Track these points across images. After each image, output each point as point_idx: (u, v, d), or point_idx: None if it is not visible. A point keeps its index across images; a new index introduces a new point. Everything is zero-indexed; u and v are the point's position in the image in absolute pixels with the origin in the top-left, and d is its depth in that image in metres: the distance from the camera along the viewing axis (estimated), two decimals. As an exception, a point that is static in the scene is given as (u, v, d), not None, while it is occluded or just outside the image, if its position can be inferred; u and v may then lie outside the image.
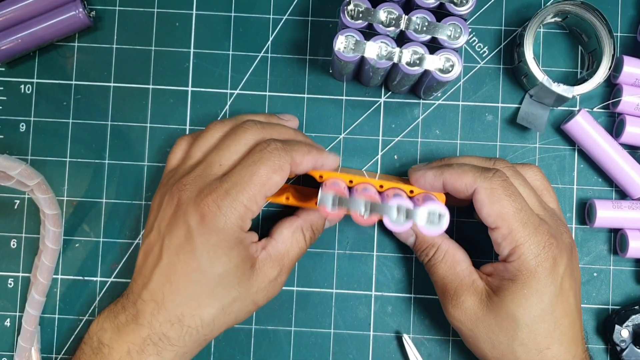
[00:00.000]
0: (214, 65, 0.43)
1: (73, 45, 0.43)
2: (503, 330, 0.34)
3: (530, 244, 0.33)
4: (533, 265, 0.33)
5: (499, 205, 0.33)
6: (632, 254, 0.40)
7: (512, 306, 0.33)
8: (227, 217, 0.32)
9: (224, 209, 0.32)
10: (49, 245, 0.40)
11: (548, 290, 0.33)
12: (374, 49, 0.36)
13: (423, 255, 0.38)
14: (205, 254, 0.33)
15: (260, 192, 0.33)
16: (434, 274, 0.37)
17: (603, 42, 0.40)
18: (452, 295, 0.36)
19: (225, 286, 0.33)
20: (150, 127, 0.42)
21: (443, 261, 0.37)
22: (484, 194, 0.34)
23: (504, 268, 0.34)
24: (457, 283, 0.36)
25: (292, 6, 0.43)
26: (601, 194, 0.42)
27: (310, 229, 0.37)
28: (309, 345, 0.41)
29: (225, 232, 0.33)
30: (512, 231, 0.33)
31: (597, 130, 0.40)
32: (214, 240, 0.33)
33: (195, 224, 0.33)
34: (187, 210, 0.33)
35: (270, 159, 0.33)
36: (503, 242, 0.34)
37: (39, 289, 0.40)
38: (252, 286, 0.34)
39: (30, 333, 0.40)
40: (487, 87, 0.43)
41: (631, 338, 0.40)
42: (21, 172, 0.36)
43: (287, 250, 0.36)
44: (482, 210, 0.34)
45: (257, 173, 0.33)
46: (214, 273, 0.33)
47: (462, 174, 0.34)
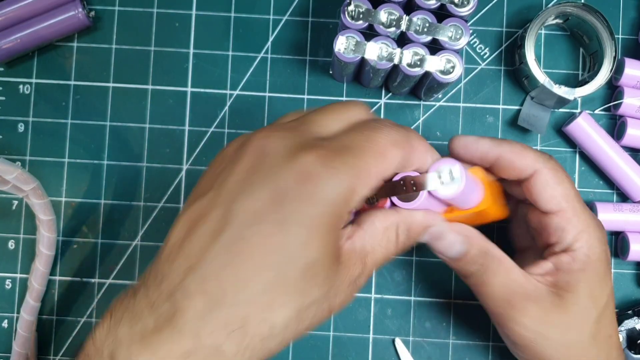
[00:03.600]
0: (213, 66, 0.42)
1: (72, 45, 0.43)
2: (579, 326, 0.31)
3: (594, 228, 0.32)
4: (599, 250, 0.32)
5: (563, 186, 0.31)
6: (633, 257, 0.40)
7: (587, 298, 0.31)
8: (335, 184, 0.24)
9: (333, 171, 0.24)
10: (43, 251, 0.39)
11: (609, 274, 0.33)
12: (375, 50, 0.36)
13: (475, 265, 0.31)
14: (297, 229, 0.23)
15: (377, 164, 0.25)
16: (490, 285, 0.31)
17: (604, 44, 0.40)
18: (519, 307, 0.31)
19: (309, 281, 0.24)
20: (150, 128, 0.42)
21: (501, 269, 0.32)
22: (548, 173, 0.31)
23: (571, 259, 0.31)
24: (522, 292, 0.31)
25: (292, 7, 0.43)
26: (602, 196, 0.42)
27: (407, 232, 0.29)
28: (308, 348, 0.41)
29: (330, 203, 0.24)
30: (578, 213, 0.31)
31: (599, 133, 0.40)
32: (315, 213, 0.24)
33: (291, 185, 0.23)
34: (277, 164, 0.24)
35: (388, 131, 0.26)
36: (567, 225, 0.31)
37: (33, 294, 0.40)
38: (334, 286, 0.25)
39: (24, 338, 0.40)
40: (488, 89, 0.42)
41: (625, 343, 0.40)
42: (17, 176, 0.36)
43: (374, 248, 0.27)
44: (545, 191, 0.31)
45: (374, 139, 0.25)
46: (303, 260, 0.24)
47: (522, 150, 0.31)
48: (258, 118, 0.42)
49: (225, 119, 0.42)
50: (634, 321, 0.40)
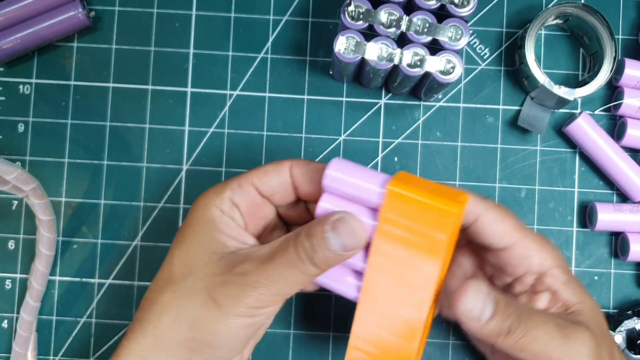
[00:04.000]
0: (213, 66, 0.42)
1: (72, 45, 0.43)
2: (602, 331, 0.31)
3: (550, 244, 0.33)
4: (564, 259, 0.33)
5: (510, 219, 0.32)
6: (633, 258, 0.40)
7: (590, 300, 0.32)
8: (203, 195, 0.33)
9: (205, 192, 0.33)
10: (43, 251, 0.39)
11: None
12: (375, 51, 0.36)
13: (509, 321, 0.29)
14: (178, 233, 0.32)
15: (246, 177, 0.32)
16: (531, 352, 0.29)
17: (604, 45, 0.40)
18: (574, 338, 0.29)
19: (184, 268, 0.31)
20: (149, 128, 0.42)
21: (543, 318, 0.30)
22: (491, 212, 0.31)
23: (552, 278, 0.32)
24: (569, 328, 0.30)
25: (292, 7, 0.43)
26: (602, 197, 0.42)
27: (304, 234, 0.29)
28: (308, 348, 0.41)
29: (198, 208, 0.32)
30: (533, 239, 0.32)
31: (599, 133, 0.40)
32: (188, 218, 0.33)
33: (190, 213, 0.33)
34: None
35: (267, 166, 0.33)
36: (530, 252, 0.32)
37: (33, 295, 0.40)
38: (212, 279, 0.30)
39: (24, 338, 0.40)
40: (488, 89, 0.42)
41: (625, 343, 0.40)
42: (17, 176, 0.36)
43: (271, 255, 0.29)
44: (496, 229, 0.31)
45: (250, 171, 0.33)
46: (179, 252, 0.32)
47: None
48: (258, 118, 0.42)
49: (225, 119, 0.42)
50: (633, 321, 0.40)
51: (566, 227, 0.42)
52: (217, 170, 0.42)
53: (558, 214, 0.42)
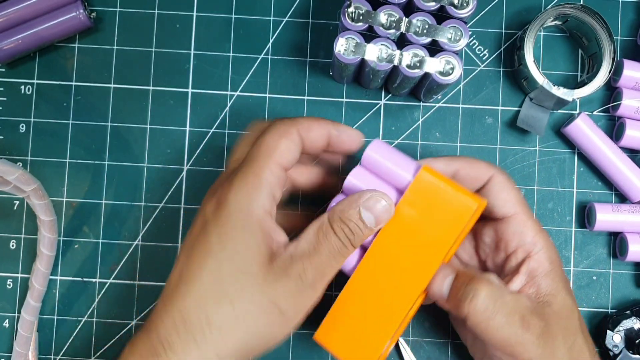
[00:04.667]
0: (214, 67, 0.43)
1: (73, 46, 0.43)
2: (572, 326, 0.32)
3: (545, 232, 0.34)
4: (555, 250, 0.34)
5: (517, 191, 0.34)
6: (632, 258, 0.40)
7: (567, 294, 0.33)
8: (237, 192, 0.30)
9: (235, 184, 0.30)
10: (44, 252, 0.40)
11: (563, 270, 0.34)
12: (374, 52, 0.36)
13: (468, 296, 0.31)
14: (215, 235, 0.29)
15: (270, 159, 0.30)
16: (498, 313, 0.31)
17: (603, 46, 0.40)
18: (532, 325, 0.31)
19: (237, 278, 0.29)
20: (150, 129, 0.42)
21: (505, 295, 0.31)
22: (502, 178, 0.34)
23: (537, 263, 0.33)
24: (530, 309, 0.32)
25: (292, 8, 0.43)
26: (601, 197, 0.42)
27: (340, 221, 0.31)
28: (308, 348, 0.41)
29: (237, 207, 0.29)
30: (531, 217, 0.34)
31: (597, 134, 0.40)
32: (224, 219, 0.29)
33: (211, 212, 0.30)
34: (204, 204, 0.31)
35: (274, 127, 0.31)
36: (525, 228, 0.33)
37: (34, 295, 0.40)
38: (273, 287, 0.29)
39: (25, 338, 0.40)
40: (487, 90, 0.43)
41: (624, 343, 0.40)
42: (18, 177, 0.36)
43: (314, 250, 0.30)
44: (501, 194, 0.33)
45: (263, 142, 0.31)
46: (225, 259, 0.29)
47: (475, 161, 0.34)
48: (259, 119, 0.42)
49: (226, 120, 0.42)
50: (632, 321, 0.40)
51: (565, 227, 0.42)
52: (218, 171, 0.42)
53: (557, 214, 0.42)
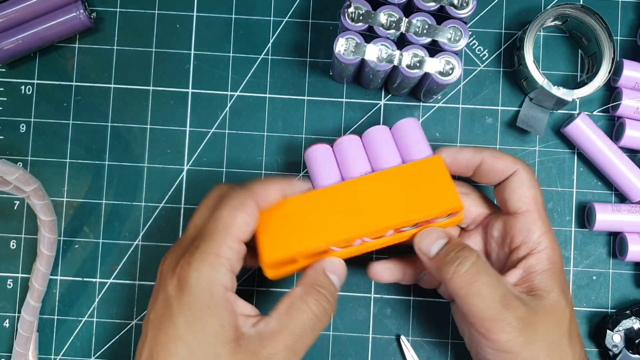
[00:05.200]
0: (214, 67, 0.43)
1: (74, 46, 0.43)
2: (559, 326, 0.32)
3: (552, 233, 0.34)
4: (559, 252, 0.34)
5: (535, 190, 0.34)
6: (632, 258, 0.40)
7: (560, 295, 0.33)
8: (199, 272, 0.30)
9: (194, 264, 0.30)
10: (44, 252, 0.40)
11: (564, 270, 0.35)
12: (374, 52, 0.36)
13: (457, 260, 0.32)
14: (182, 317, 0.29)
15: (228, 235, 0.30)
16: (482, 285, 0.31)
17: (603, 46, 0.40)
18: (512, 308, 0.31)
19: (206, 356, 0.29)
20: (150, 129, 0.42)
21: (489, 270, 0.32)
22: (526, 175, 0.34)
23: (537, 261, 0.33)
24: (512, 294, 0.32)
25: (292, 8, 0.43)
26: (600, 197, 0.42)
27: (315, 291, 0.31)
28: (308, 348, 0.41)
29: (199, 288, 0.29)
30: (542, 217, 0.34)
31: (597, 134, 0.40)
32: (188, 301, 0.29)
33: (173, 290, 0.30)
34: (165, 279, 0.31)
35: (230, 199, 0.31)
36: (533, 226, 0.34)
37: (34, 295, 0.40)
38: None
39: (25, 338, 0.40)
40: (487, 90, 0.43)
41: (624, 343, 0.40)
42: (18, 177, 0.36)
43: (285, 326, 0.30)
44: (519, 190, 0.34)
45: (219, 217, 0.31)
46: (193, 340, 0.29)
47: (502, 154, 0.35)
48: (259, 119, 0.42)
49: (226, 120, 0.42)
50: (632, 321, 0.40)
51: (565, 227, 0.42)
52: (218, 171, 0.42)
53: (557, 214, 0.42)
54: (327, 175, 0.35)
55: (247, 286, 0.42)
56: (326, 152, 0.36)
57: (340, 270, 0.33)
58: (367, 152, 0.36)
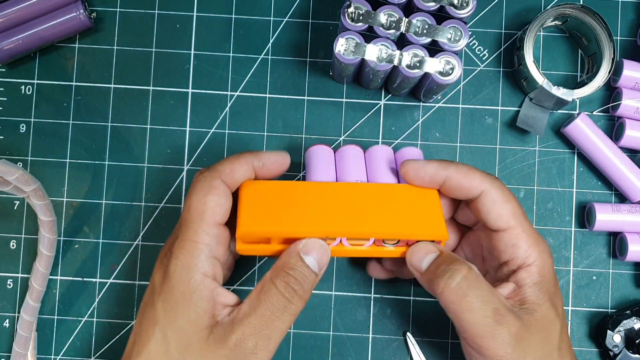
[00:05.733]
0: (214, 67, 0.43)
1: (74, 46, 0.43)
2: (549, 339, 0.32)
3: (542, 243, 0.33)
4: (550, 262, 0.33)
5: (510, 204, 0.33)
6: (632, 258, 0.40)
7: (550, 308, 0.32)
8: (177, 259, 0.30)
9: (175, 252, 0.31)
10: (44, 252, 0.40)
11: (558, 285, 0.34)
12: (374, 52, 0.36)
13: (448, 273, 0.31)
14: (160, 304, 0.30)
15: (202, 221, 0.31)
16: (472, 298, 0.30)
17: (603, 46, 0.40)
18: (504, 322, 0.30)
19: (181, 350, 0.30)
20: (150, 129, 0.42)
21: (481, 282, 0.31)
22: (495, 193, 0.33)
23: (527, 274, 0.32)
24: (504, 307, 0.31)
25: (292, 8, 0.43)
26: (600, 197, 0.42)
27: (284, 273, 0.31)
28: (308, 348, 0.41)
29: (177, 275, 0.30)
30: (526, 230, 0.33)
31: (597, 134, 0.40)
32: (168, 290, 0.30)
33: (158, 279, 0.31)
34: (154, 270, 0.32)
35: (198, 184, 0.32)
36: (518, 241, 0.32)
37: (33, 295, 0.40)
38: (212, 358, 0.29)
39: (24, 338, 0.40)
40: (487, 90, 0.43)
41: (624, 343, 0.40)
42: (18, 177, 0.36)
43: (254, 310, 0.30)
44: (493, 209, 0.32)
45: (191, 205, 0.31)
46: (168, 326, 0.30)
47: (469, 171, 0.33)
48: (259, 119, 0.42)
49: (226, 120, 0.42)
50: (632, 321, 0.40)
51: (565, 227, 0.42)
52: (218, 171, 0.42)
53: (557, 214, 0.42)
54: (323, 173, 0.36)
55: (247, 287, 0.42)
56: (327, 153, 0.37)
57: (318, 252, 0.32)
58: (366, 165, 0.36)
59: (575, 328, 0.42)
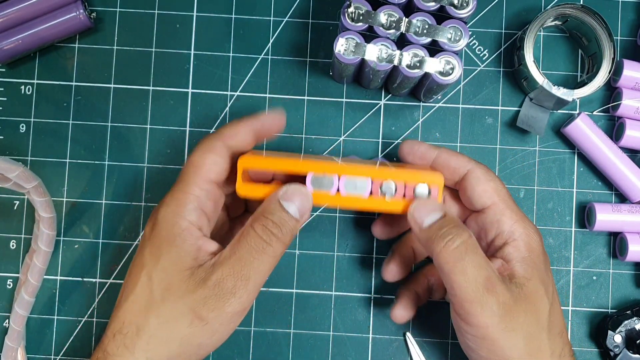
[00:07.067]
0: (214, 67, 0.43)
1: (74, 46, 0.43)
2: (537, 317, 0.32)
3: (528, 221, 0.34)
4: (538, 239, 0.34)
5: (494, 183, 0.34)
6: (632, 258, 0.40)
7: (539, 284, 0.32)
8: (166, 207, 0.32)
9: (165, 201, 0.32)
10: (42, 248, 0.40)
11: (550, 268, 0.34)
12: (374, 52, 0.36)
13: (449, 235, 0.32)
14: (147, 248, 0.32)
15: (197, 175, 0.32)
16: (467, 263, 0.31)
17: (603, 46, 0.40)
18: (495, 291, 0.31)
19: (163, 290, 0.30)
20: (150, 129, 0.42)
21: (478, 250, 0.32)
22: (479, 172, 0.34)
23: (514, 249, 0.33)
24: (496, 276, 0.31)
25: (292, 8, 0.43)
26: (601, 197, 0.42)
27: (262, 217, 0.31)
28: (308, 348, 0.41)
29: (164, 221, 0.31)
30: (510, 207, 0.34)
31: (597, 134, 0.40)
32: (155, 235, 0.32)
33: (148, 230, 0.32)
34: (147, 222, 0.33)
35: (200, 144, 0.33)
36: (502, 217, 0.34)
37: (28, 290, 0.40)
38: (192, 297, 0.30)
39: (17, 333, 0.40)
40: (487, 90, 0.43)
41: (624, 343, 0.40)
42: (19, 174, 0.36)
43: (233, 252, 0.31)
44: (477, 187, 0.34)
45: (190, 161, 0.33)
46: (152, 267, 0.31)
47: (457, 154, 0.35)
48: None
49: (226, 120, 0.42)
50: (633, 321, 0.40)
51: (565, 227, 0.42)
52: (218, 171, 0.42)
53: (557, 214, 0.42)
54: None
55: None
56: None
57: (298, 198, 0.32)
58: None
59: (575, 328, 0.42)
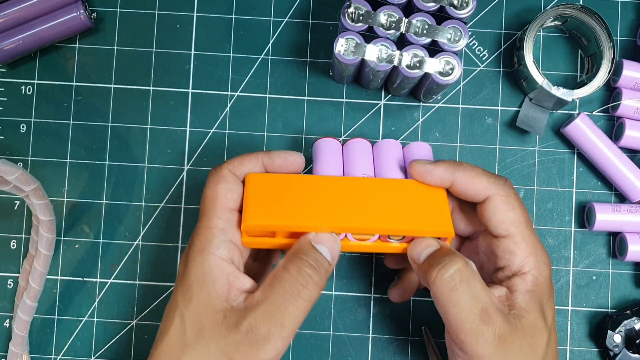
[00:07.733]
0: (214, 67, 0.43)
1: (74, 46, 0.43)
2: (534, 347, 0.31)
3: (541, 252, 0.33)
4: (546, 273, 0.33)
5: (514, 212, 0.33)
6: (631, 258, 0.40)
7: (539, 317, 0.32)
8: (194, 245, 0.31)
9: (192, 240, 0.32)
10: (42, 251, 0.40)
11: (553, 297, 0.34)
12: (374, 52, 0.36)
13: (443, 263, 0.31)
14: (180, 288, 0.31)
15: (215, 206, 0.32)
16: (462, 293, 0.30)
17: (603, 46, 0.40)
18: (490, 322, 0.30)
19: (196, 333, 0.30)
20: (151, 129, 0.42)
21: (476, 279, 0.31)
22: (500, 200, 0.33)
23: (521, 281, 0.32)
24: (493, 306, 0.31)
25: (292, 9, 0.43)
26: (600, 197, 0.42)
27: (297, 258, 0.31)
28: (308, 347, 0.42)
29: (193, 260, 0.31)
30: (526, 238, 0.33)
31: (597, 134, 0.41)
32: (186, 274, 0.31)
33: (181, 270, 0.32)
34: (181, 260, 0.33)
35: (209, 178, 0.33)
36: (516, 249, 0.32)
37: (30, 295, 0.40)
38: (224, 342, 0.29)
39: (21, 338, 0.40)
40: (486, 90, 0.43)
41: (624, 343, 0.40)
42: (18, 177, 0.36)
43: (267, 296, 0.30)
44: (495, 216, 0.33)
45: (205, 196, 0.33)
46: (184, 309, 0.31)
47: (476, 176, 0.33)
48: (259, 119, 0.42)
49: (226, 120, 0.42)
50: (632, 321, 0.40)
51: (564, 227, 0.42)
52: (218, 171, 0.42)
53: (556, 214, 0.42)
54: (330, 166, 0.35)
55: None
56: (335, 146, 0.36)
57: (330, 243, 0.32)
58: (374, 159, 0.36)
59: (575, 328, 0.42)
